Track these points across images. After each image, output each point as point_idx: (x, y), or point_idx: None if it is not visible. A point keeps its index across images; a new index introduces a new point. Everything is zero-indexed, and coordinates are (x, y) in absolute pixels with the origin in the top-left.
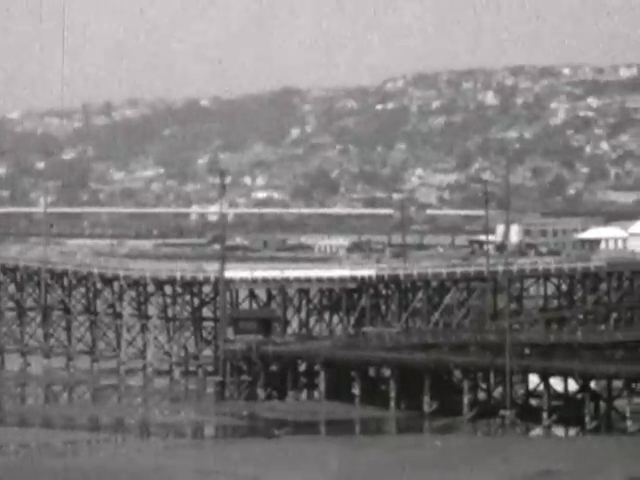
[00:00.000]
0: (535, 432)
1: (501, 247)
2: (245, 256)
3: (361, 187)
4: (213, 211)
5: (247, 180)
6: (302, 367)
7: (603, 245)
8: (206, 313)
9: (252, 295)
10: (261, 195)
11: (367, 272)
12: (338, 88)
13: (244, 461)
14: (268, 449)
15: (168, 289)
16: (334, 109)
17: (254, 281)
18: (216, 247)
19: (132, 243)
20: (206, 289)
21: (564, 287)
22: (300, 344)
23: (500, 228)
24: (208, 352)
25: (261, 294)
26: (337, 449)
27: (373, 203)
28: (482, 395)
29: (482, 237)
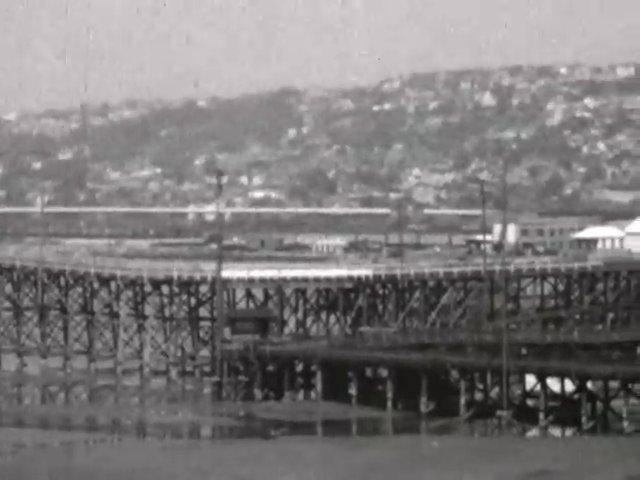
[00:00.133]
0: (532, 433)
1: (498, 247)
2: (242, 256)
3: (358, 187)
4: (210, 211)
5: (244, 180)
6: (299, 367)
7: (600, 245)
8: (203, 313)
9: (249, 295)
10: (258, 195)
11: (364, 272)
12: (335, 89)
13: (241, 462)
14: (265, 450)
15: (165, 289)
16: (331, 110)
17: (251, 281)
18: (213, 247)
19: (129, 243)
20: (203, 289)
21: (561, 287)
22: (297, 344)
23: (497, 228)
24: (205, 352)
25: (258, 294)
26: (334, 450)
27: (370, 203)
28: (479, 395)
29: (479, 237)
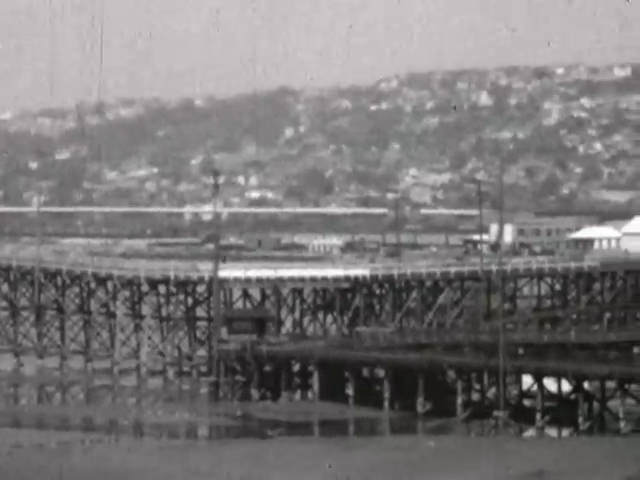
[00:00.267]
0: (528, 433)
1: (495, 247)
2: (239, 255)
3: (355, 187)
4: (207, 211)
5: (241, 180)
6: (296, 367)
7: (597, 245)
8: (200, 313)
9: (246, 295)
10: (255, 195)
11: (361, 272)
12: (332, 88)
13: (238, 462)
14: (262, 450)
15: (162, 289)
16: (328, 109)
17: (248, 281)
18: (210, 246)
19: (126, 242)
20: (200, 289)
21: (558, 287)
22: (294, 344)
23: (494, 228)
24: (202, 352)
25: (255, 294)
26: (331, 450)
27: (367, 203)
28: (476, 396)
29: (476, 237)
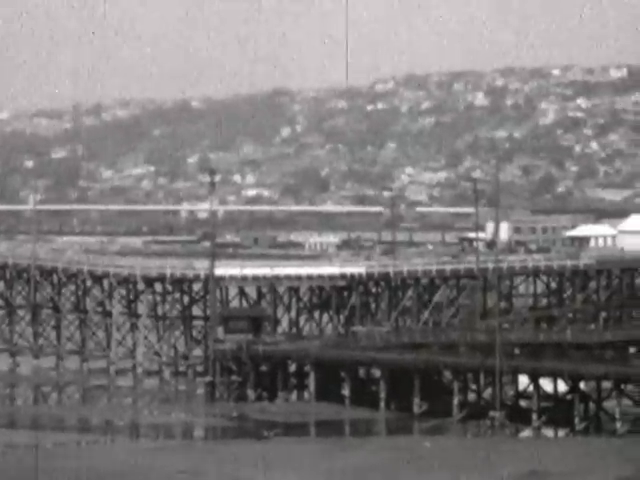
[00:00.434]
0: (525, 433)
1: (491, 244)
2: (236, 253)
3: (351, 185)
4: (203, 209)
5: (237, 178)
6: (292, 368)
7: (592, 243)
8: (196, 311)
9: (242, 293)
10: (251, 193)
11: (357, 269)
12: (328, 88)
13: (234, 462)
14: (258, 450)
15: (158, 287)
16: (324, 109)
17: (244, 279)
18: (206, 244)
19: (122, 240)
20: (196, 287)
21: (553, 285)
22: (290, 344)
23: (490, 226)
24: (198, 352)
25: (251, 292)
26: (327, 450)
27: (363, 201)
28: (472, 396)
29: (472, 234)
